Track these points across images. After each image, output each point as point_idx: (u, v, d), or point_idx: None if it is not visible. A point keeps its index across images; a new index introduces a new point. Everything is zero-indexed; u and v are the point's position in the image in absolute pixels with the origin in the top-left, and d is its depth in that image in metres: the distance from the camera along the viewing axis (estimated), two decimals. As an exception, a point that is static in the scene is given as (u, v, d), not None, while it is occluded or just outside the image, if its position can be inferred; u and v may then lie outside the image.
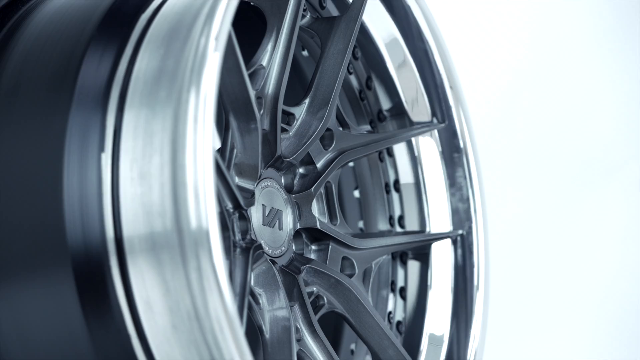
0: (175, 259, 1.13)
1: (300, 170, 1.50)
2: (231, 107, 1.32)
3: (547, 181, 2.46)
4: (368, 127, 1.69)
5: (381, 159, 1.71)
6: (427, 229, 1.69)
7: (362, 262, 1.56)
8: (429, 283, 1.67)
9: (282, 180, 1.48)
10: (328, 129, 1.52)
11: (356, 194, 1.73)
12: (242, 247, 1.31)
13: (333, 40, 1.51)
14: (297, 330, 1.41)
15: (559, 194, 2.47)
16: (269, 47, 1.40)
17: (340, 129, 1.57)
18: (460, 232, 1.66)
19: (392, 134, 1.63)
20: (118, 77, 1.22)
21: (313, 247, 1.52)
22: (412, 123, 1.67)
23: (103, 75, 1.22)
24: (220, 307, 1.11)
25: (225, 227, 1.28)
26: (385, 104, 1.68)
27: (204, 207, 1.11)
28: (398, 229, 1.71)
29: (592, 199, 2.51)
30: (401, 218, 1.71)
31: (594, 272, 2.49)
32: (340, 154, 1.52)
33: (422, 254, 1.68)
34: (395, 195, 1.71)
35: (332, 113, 1.49)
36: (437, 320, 1.65)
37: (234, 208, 1.30)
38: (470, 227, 1.65)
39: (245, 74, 1.28)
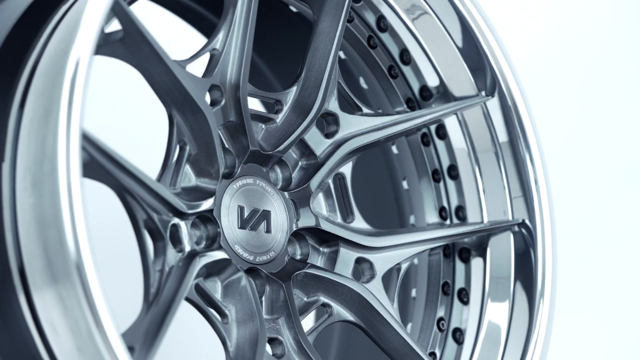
0: (65, 274, 1.01)
1: (302, 163, 1.33)
2: (169, 100, 1.18)
3: (582, 182, 2.27)
4: (403, 108, 1.47)
5: (426, 143, 1.48)
6: (486, 219, 1.45)
7: (383, 263, 1.34)
8: (486, 286, 1.43)
9: (279, 175, 1.31)
10: (330, 114, 1.33)
11: (405, 184, 1.51)
12: (183, 257, 1.16)
13: (326, 13, 1.32)
14: (281, 344, 1.24)
15: (594, 195, 2.29)
16: (223, 29, 1.24)
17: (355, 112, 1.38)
18: (520, 220, 1.41)
19: (419, 114, 1.40)
20: (24, 75, 1.11)
21: (323, 249, 1.34)
22: (455, 98, 1.44)
23: (11, 72, 1.12)
24: (94, 327, 0.98)
25: (159, 235, 1.14)
26: (430, 80, 1.46)
27: (67, 216, 0.98)
28: (455, 221, 1.47)
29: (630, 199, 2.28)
30: (460, 209, 1.47)
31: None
32: (346, 141, 1.33)
33: (483, 249, 1.44)
34: (451, 184, 1.47)
35: (327, 96, 1.31)
36: (491, 332, 1.41)
37: (174, 214, 1.16)
38: (532, 216, 1.40)
39: (169, 60, 1.13)
